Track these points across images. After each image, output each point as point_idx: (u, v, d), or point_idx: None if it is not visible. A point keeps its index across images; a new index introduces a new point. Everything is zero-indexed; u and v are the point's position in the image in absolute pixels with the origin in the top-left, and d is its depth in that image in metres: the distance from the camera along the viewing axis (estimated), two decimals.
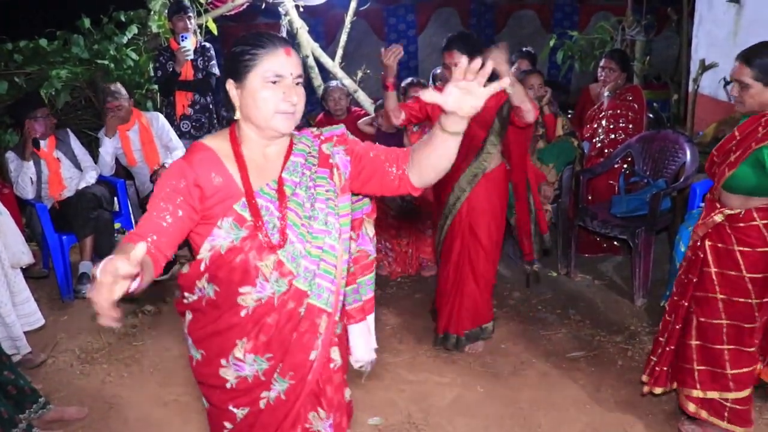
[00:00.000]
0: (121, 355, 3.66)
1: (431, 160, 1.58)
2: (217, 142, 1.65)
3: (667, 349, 2.80)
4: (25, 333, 3.46)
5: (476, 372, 3.41)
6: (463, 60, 1.42)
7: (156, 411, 3.17)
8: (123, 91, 4.68)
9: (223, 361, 1.68)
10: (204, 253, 1.61)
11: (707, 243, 2.66)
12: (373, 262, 1.90)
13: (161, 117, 4.87)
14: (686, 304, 2.74)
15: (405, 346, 3.62)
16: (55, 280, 4.35)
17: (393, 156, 1.69)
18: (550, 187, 4.37)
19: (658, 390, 2.88)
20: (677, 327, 2.77)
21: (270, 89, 1.57)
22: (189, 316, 1.75)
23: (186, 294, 1.70)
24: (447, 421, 3.03)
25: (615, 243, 4.69)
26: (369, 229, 1.88)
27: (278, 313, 1.64)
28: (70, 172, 4.54)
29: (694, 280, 2.70)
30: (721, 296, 2.64)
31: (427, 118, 3.41)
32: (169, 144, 4.73)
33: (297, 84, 1.61)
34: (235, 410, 1.74)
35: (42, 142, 4.41)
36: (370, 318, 1.94)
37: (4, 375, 2.85)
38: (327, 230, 1.66)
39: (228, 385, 1.71)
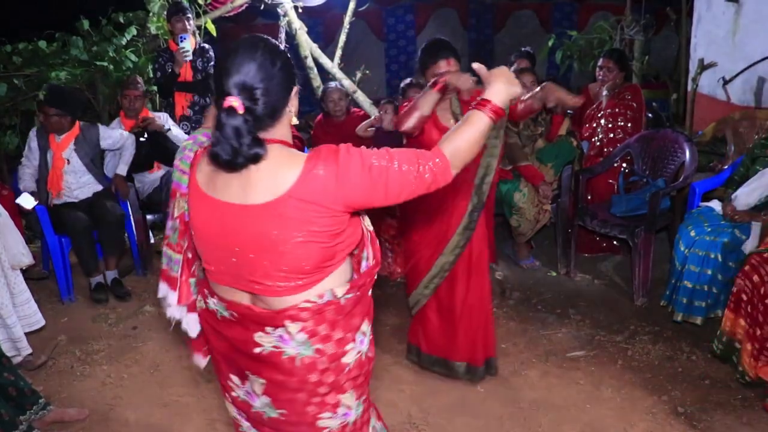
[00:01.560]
0: (121, 357, 3.66)
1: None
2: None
3: None
4: (26, 334, 3.46)
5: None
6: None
7: (156, 412, 3.17)
8: (142, 83, 4.80)
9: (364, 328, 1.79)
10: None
11: None
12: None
13: (170, 118, 4.89)
14: None
15: (404, 347, 3.62)
16: (55, 282, 4.35)
17: None
18: (548, 186, 4.38)
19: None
20: None
21: None
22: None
23: None
24: (447, 421, 3.03)
25: (615, 242, 4.69)
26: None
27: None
28: (77, 179, 4.44)
29: None
30: None
31: None
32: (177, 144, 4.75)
33: None
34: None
35: (57, 136, 4.38)
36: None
37: (4, 377, 2.85)
38: None
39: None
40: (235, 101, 1.47)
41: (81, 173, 4.45)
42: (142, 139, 4.70)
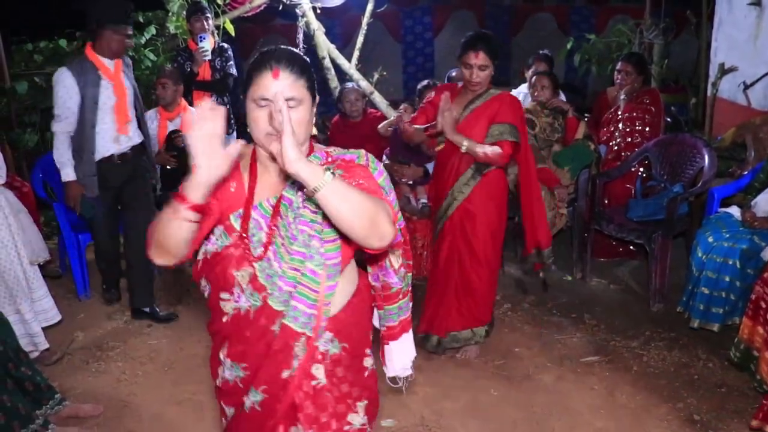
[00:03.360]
0: (136, 354, 3.68)
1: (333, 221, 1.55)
2: (242, 151, 1.64)
3: None
4: (43, 329, 3.51)
5: (490, 375, 3.40)
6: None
7: (170, 409, 3.18)
8: (175, 73, 4.64)
9: (221, 357, 1.74)
10: (200, 255, 1.67)
11: None
12: (397, 293, 1.87)
13: None
14: None
15: (418, 349, 3.60)
16: (72, 279, 4.38)
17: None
18: (564, 189, 4.35)
19: None
20: None
21: (258, 111, 1.54)
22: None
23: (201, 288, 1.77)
24: (460, 423, 3.02)
25: (631, 247, 4.65)
26: (394, 261, 1.82)
27: (252, 327, 1.65)
28: (132, 114, 3.85)
29: None
30: None
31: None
32: None
33: (291, 107, 1.52)
34: (225, 407, 1.80)
35: (109, 62, 3.70)
36: (405, 337, 1.98)
37: (21, 371, 2.88)
38: (308, 254, 1.60)
39: (218, 382, 1.77)
40: None
41: (134, 108, 3.90)
42: (169, 167, 4.51)
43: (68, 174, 3.72)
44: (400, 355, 1.99)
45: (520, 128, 3.24)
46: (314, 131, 1.72)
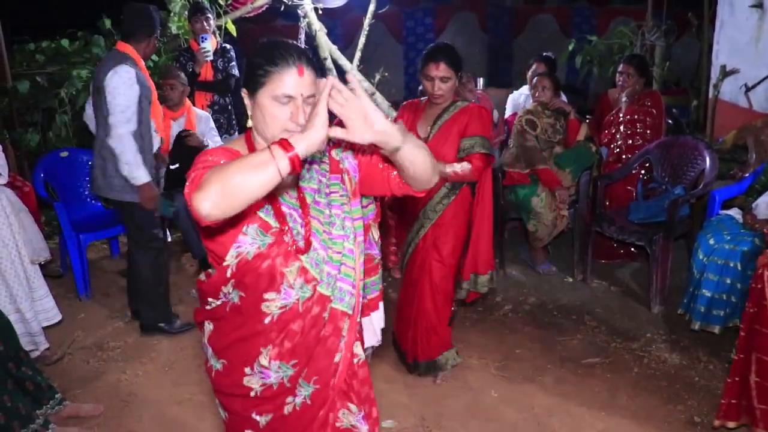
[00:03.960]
0: (136, 354, 3.68)
1: (405, 173, 1.61)
2: (239, 147, 1.64)
3: (732, 381, 2.74)
4: (43, 329, 3.51)
5: (491, 377, 3.40)
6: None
7: (171, 409, 3.18)
8: (181, 75, 4.58)
9: (247, 370, 1.68)
10: (230, 260, 1.58)
11: (766, 274, 2.58)
12: (378, 265, 1.99)
13: (211, 120, 4.76)
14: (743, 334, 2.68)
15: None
16: (72, 279, 4.38)
17: None
18: (565, 191, 4.35)
19: (731, 424, 2.80)
20: (741, 356, 2.71)
21: (279, 108, 1.53)
22: (209, 326, 1.74)
23: (210, 299, 1.68)
24: (460, 424, 3.02)
25: (632, 249, 4.65)
26: (375, 234, 1.92)
27: (303, 319, 1.65)
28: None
29: (751, 311, 2.63)
30: None
31: None
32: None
33: (308, 104, 1.55)
34: (258, 417, 1.73)
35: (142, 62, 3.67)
36: (375, 314, 2.09)
37: (22, 371, 2.89)
38: (345, 234, 1.68)
39: (252, 393, 1.70)
40: None
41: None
42: (172, 167, 4.46)
43: (142, 176, 3.51)
44: (379, 322, 2.14)
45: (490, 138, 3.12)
46: None
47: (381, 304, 2.12)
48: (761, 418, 2.67)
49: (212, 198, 1.31)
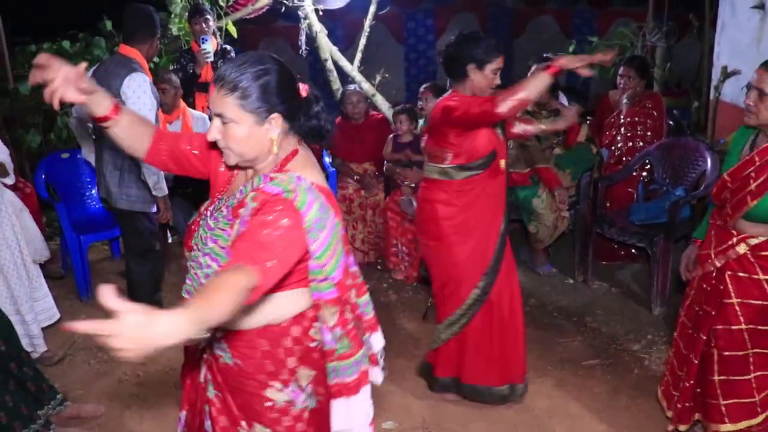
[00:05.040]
0: None
1: None
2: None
3: (687, 384, 2.71)
4: (44, 330, 3.52)
5: None
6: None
7: (172, 412, 3.18)
8: (173, 78, 4.55)
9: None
10: None
11: (727, 273, 2.56)
12: (331, 352, 1.70)
13: (207, 121, 4.73)
14: (704, 337, 2.63)
15: (420, 352, 3.60)
16: (73, 280, 4.39)
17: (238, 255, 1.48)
18: (564, 191, 4.36)
19: (683, 427, 2.79)
20: (695, 362, 2.67)
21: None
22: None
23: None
24: (461, 426, 3.02)
25: (633, 251, 4.65)
26: (328, 317, 1.67)
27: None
28: None
29: (713, 313, 2.60)
30: (747, 326, 2.54)
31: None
32: None
33: (224, 123, 1.57)
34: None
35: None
36: (353, 399, 1.77)
37: (23, 371, 2.89)
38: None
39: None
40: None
41: None
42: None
43: (164, 188, 3.51)
44: (343, 417, 1.77)
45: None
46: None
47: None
48: (729, 412, 2.62)
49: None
